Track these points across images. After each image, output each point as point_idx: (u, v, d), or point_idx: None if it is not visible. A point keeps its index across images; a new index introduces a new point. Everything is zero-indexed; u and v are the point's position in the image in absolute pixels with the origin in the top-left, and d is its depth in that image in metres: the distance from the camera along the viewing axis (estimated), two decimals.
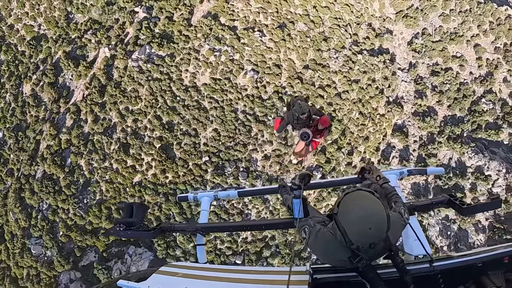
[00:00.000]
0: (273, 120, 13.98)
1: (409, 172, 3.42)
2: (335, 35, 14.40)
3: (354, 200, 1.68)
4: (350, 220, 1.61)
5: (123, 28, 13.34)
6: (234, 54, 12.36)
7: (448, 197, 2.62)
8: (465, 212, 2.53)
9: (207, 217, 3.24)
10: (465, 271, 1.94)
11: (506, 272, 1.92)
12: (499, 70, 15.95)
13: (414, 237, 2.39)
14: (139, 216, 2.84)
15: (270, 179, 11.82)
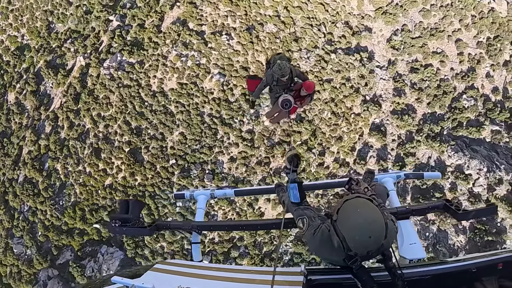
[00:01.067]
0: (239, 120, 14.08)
1: (406, 175, 3.46)
2: (307, 35, 14.18)
3: (354, 207, 1.68)
4: (351, 228, 1.62)
5: (98, 37, 13.52)
6: (201, 59, 12.44)
7: (444, 201, 2.64)
8: (460, 217, 2.55)
9: (203, 216, 3.29)
10: (459, 276, 1.95)
11: (500, 278, 1.93)
12: (481, 65, 15.14)
13: (409, 241, 2.49)
14: (135, 212, 2.80)
15: (236, 180, 11.90)
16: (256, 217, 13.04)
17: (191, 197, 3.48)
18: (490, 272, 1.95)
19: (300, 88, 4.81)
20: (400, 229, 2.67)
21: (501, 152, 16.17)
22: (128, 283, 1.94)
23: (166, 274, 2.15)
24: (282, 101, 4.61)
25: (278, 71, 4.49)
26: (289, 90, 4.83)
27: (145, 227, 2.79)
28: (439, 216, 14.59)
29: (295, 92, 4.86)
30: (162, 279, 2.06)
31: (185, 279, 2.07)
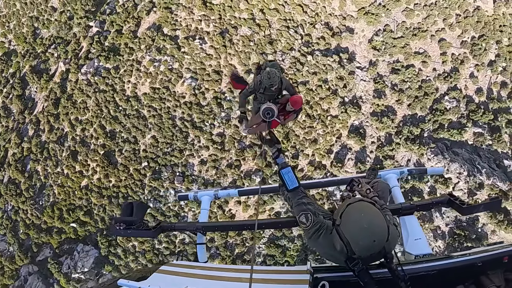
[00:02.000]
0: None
1: (409, 171, 3.39)
2: (283, 37, 14.06)
3: (358, 211, 1.68)
4: (355, 233, 1.62)
5: (79, 43, 13.79)
6: (174, 63, 12.55)
7: (448, 196, 2.61)
8: (465, 212, 2.54)
9: (207, 216, 3.22)
10: (465, 270, 1.94)
11: (506, 271, 1.92)
12: (465, 66, 14.61)
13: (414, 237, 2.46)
14: (139, 215, 2.75)
15: (206, 183, 11.99)
16: (226, 219, 13.35)
17: (195, 198, 3.46)
18: (495, 266, 1.94)
19: (287, 102, 4.41)
20: (405, 225, 2.63)
21: (483, 155, 15.73)
22: (134, 286, 1.93)
23: (172, 276, 2.14)
24: (264, 110, 4.17)
25: (267, 79, 4.16)
26: (274, 101, 4.46)
27: (149, 229, 2.77)
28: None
29: (280, 105, 4.46)
30: (168, 281, 2.05)
31: (191, 280, 2.07)
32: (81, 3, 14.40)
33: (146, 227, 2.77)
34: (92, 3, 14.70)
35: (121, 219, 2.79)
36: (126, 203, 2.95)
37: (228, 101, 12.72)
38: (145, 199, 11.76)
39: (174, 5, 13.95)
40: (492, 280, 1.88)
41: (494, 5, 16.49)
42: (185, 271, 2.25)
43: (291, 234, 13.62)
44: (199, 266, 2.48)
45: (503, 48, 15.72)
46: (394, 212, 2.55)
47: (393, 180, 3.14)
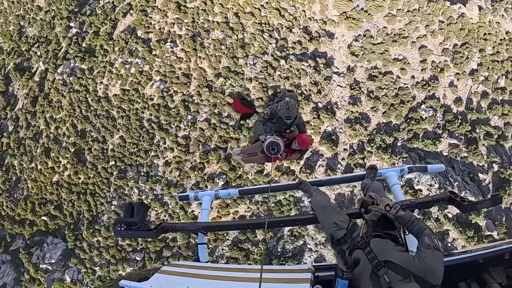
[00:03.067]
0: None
1: (409, 169, 3.34)
2: (257, 41, 13.99)
3: None
4: None
5: (59, 43, 14.05)
6: (144, 66, 12.79)
7: (449, 193, 2.62)
8: (466, 209, 2.49)
9: (207, 216, 3.21)
10: (466, 267, 1.96)
11: (507, 268, 1.93)
12: (445, 74, 14.17)
13: None
14: (140, 215, 2.75)
15: (170, 184, 12.21)
16: (188, 220, 13.78)
17: (195, 197, 3.45)
18: (497, 262, 1.95)
19: (293, 139, 4.07)
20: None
21: (458, 168, 15.32)
22: (136, 287, 1.93)
23: (174, 276, 2.14)
24: (269, 144, 3.71)
25: (285, 110, 3.81)
26: (281, 135, 4.09)
27: (150, 229, 2.76)
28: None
29: (286, 140, 4.09)
30: (170, 281, 2.05)
31: (192, 280, 2.08)
32: (65, 3, 14.69)
33: (147, 228, 2.77)
34: (75, 3, 15.29)
35: (122, 220, 2.77)
36: (127, 204, 2.95)
37: (196, 105, 12.78)
38: (110, 196, 12.08)
39: (150, 7, 14.30)
40: (493, 277, 1.90)
41: (480, 12, 16.00)
42: (186, 271, 2.27)
43: (255, 238, 13.93)
44: (200, 266, 2.49)
45: (486, 57, 15.27)
46: None
47: (394, 177, 3.12)
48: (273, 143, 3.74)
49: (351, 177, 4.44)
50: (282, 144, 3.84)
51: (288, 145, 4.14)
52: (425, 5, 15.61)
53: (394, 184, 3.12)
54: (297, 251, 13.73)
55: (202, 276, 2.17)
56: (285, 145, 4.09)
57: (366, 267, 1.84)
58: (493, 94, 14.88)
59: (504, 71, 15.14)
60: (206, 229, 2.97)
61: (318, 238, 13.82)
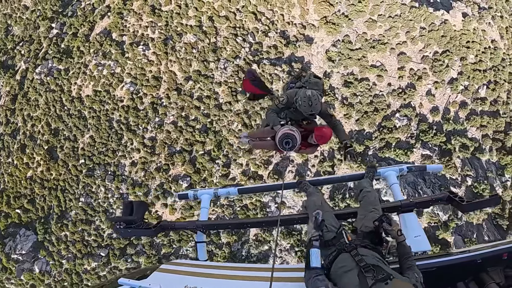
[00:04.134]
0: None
1: (408, 168, 3.35)
2: (229, 45, 14.22)
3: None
4: None
5: (41, 43, 14.61)
6: (116, 68, 13.23)
7: (448, 193, 2.65)
8: (465, 208, 2.53)
9: (207, 215, 3.22)
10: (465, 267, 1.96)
11: (505, 268, 1.95)
12: (423, 82, 13.97)
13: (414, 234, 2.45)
14: (139, 214, 2.77)
15: (135, 183, 12.66)
16: (153, 220, 14.36)
17: (194, 196, 3.45)
18: (495, 262, 1.96)
19: (311, 132, 3.50)
20: (404, 222, 2.64)
21: (429, 180, 15.09)
22: (134, 285, 1.95)
23: (173, 275, 2.16)
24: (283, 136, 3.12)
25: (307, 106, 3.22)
26: (297, 125, 3.52)
27: (150, 228, 2.76)
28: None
29: (303, 131, 3.52)
30: (169, 280, 2.07)
31: (191, 279, 2.07)
32: (50, 3, 15.10)
33: (146, 226, 2.78)
34: (59, 3, 16.18)
35: (122, 219, 2.80)
36: (126, 202, 2.93)
37: (164, 107, 13.10)
38: (79, 193, 12.58)
39: (127, 10, 14.96)
40: (491, 277, 1.92)
41: (464, 19, 15.74)
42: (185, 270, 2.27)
43: (219, 241, 14.45)
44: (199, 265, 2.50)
45: (467, 65, 14.99)
46: (393, 209, 2.61)
47: (393, 177, 3.13)
48: (288, 135, 3.11)
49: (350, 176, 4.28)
50: (298, 136, 3.20)
51: (304, 137, 3.49)
52: (407, 11, 15.48)
53: (393, 184, 3.11)
54: (262, 256, 14.09)
55: (200, 275, 2.17)
56: (302, 137, 3.45)
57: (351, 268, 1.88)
58: (472, 105, 14.66)
59: (485, 80, 14.89)
60: (205, 228, 2.98)
61: (284, 244, 14.18)
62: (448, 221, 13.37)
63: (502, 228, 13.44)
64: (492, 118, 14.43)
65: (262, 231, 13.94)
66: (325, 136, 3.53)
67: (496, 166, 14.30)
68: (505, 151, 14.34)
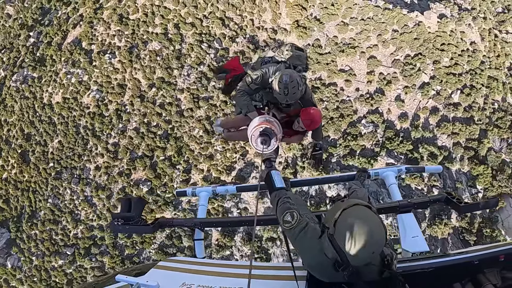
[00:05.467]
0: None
1: (407, 169, 3.42)
2: (194, 51, 14.73)
3: (355, 219, 1.54)
4: (352, 244, 1.51)
5: (19, 51, 15.70)
6: (84, 76, 14.09)
7: (446, 194, 2.70)
8: (463, 210, 2.57)
9: (205, 212, 3.31)
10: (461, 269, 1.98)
11: (502, 270, 1.98)
12: (392, 87, 14.02)
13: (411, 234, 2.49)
14: (137, 210, 2.84)
15: (98, 187, 13.51)
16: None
17: (193, 194, 3.54)
18: (492, 264, 1.99)
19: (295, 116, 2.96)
20: (402, 222, 2.67)
21: None
22: (132, 282, 1.98)
23: (170, 272, 2.19)
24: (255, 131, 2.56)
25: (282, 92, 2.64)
26: (277, 108, 3.00)
27: (148, 224, 2.84)
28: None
29: (285, 116, 3.01)
30: (166, 277, 2.10)
31: (189, 276, 2.11)
32: (31, 12, 16.62)
33: (144, 223, 2.85)
34: (40, 12, 17.63)
35: (120, 215, 2.86)
36: (124, 199, 2.98)
37: (127, 114, 13.82)
38: (47, 195, 13.51)
39: (97, 19, 16.01)
40: (488, 279, 1.94)
41: (441, 21, 15.53)
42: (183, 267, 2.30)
43: (180, 244, 15.28)
44: (197, 262, 2.52)
45: (440, 69, 14.69)
46: (391, 210, 2.72)
47: (391, 177, 3.21)
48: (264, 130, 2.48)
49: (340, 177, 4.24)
50: (278, 128, 2.55)
51: (287, 124, 2.97)
52: (379, 13, 15.59)
53: (391, 184, 3.18)
54: (225, 260, 14.88)
55: (198, 272, 2.22)
56: (285, 124, 2.93)
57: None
58: (444, 111, 14.46)
59: (460, 85, 14.64)
60: (203, 225, 3.05)
61: (245, 250, 14.83)
62: None
63: (469, 243, 13.27)
64: (465, 125, 14.25)
65: (223, 237, 14.63)
66: (315, 120, 2.96)
67: (467, 176, 14.12)
68: (478, 160, 14.13)
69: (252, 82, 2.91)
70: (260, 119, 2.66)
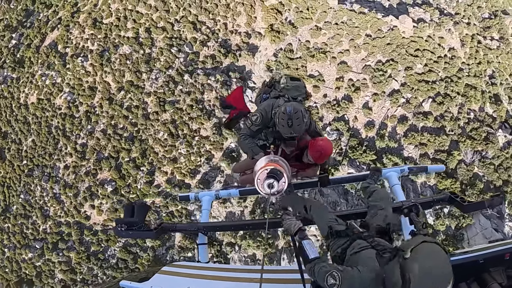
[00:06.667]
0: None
1: (409, 169, 3.50)
2: (163, 55, 15.27)
3: (433, 253, 1.70)
4: (422, 276, 1.65)
5: (2, 52, 16.67)
6: (57, 78, 14.87)
7: (449, 194, 2.80)
8: (466, 209, 2.67)
9: (208, 216, 3.43)
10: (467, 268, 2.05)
11: (508, 268, 2.05)
12: (360, 94, 14.08)
13: None
14: (140, 215, 2.95)
15: (66, 185, 14.35)
16: (81, 219, 16.45)
17: (196, 198, 3.61)
18: (497, 263, 2.04)
19: (304, 148, 2.91)
20: (406, 223, 2.75)
21: (351, 201, 14.29)
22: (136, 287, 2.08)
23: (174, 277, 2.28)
24: (261, 175, 2.34)
25: (285, 124, 2.60)
26: (284, 143, 2.94)
27: (151, 230, 2.90)
28: None
29: (293, 150, 2.97)
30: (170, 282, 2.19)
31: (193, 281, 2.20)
32: (16, 13, 17.46)
33: (148, 228, 2.91)
34: (24, 14, 19.03)
35: (123, 220, 2.94)
36: (128, 205, 3.08)
37: (96, 115, 14.58)
38: (19, 190, 14.37)
39: (73, 23, 17.07)
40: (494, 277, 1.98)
41: (418, 26, 15.36)
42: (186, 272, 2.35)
43: (144, 244, 16.14)
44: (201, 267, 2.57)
45: (412, 76, 14.46)
46: (395, 210, 2.68)
47: (394, 178, 3.28)
48: (271, 172, 2.27)
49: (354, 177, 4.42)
50: (286, 168, 2.39)
51: (298, 157, 2.95)
52: (353, 18, 15.68)
53: (395, 185, 3.25)
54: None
55: (202, 277, 2.25)
56: (295, 158, 2.91)
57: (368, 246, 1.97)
58: (413, 120, 14.32)
59: (433, 93, 14.45)
60: (207, 229, 3.11)
61: None
62: None
63: None
64: (434, 136, 14.18)
65: (184, 239, 15.37)
66: (325, 153, 2.85)
67: (433, 189, 14.05)
68: (445, 173, 14.04)
69: (252, 124, 2.85)
70: (265, 160, 2.48)
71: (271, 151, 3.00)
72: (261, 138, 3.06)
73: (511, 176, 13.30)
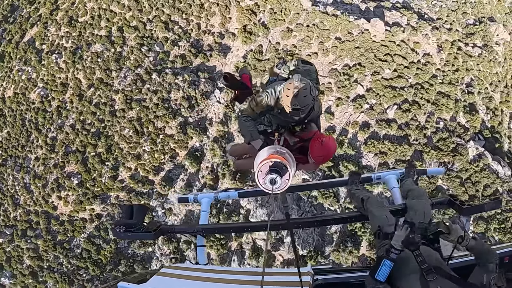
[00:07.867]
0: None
1: None
2: (133, 54, 15.81)
3: None
4: None
5: None
6: (33, 74, 15.66)
7: (448, 197, 2.88)
8: (465, 212, 2.78)
9: (207, 218, 3.49)
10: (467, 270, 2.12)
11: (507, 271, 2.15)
12: (324, 98, 14.15)
13: None
14: (139, 217, 3.03)
15: (36, 176, 15.18)
16: (49, 209, 17.63)
17: (195, 200, 3.66)
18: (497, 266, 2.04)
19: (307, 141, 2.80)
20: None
21: (303, 208, 14.00)
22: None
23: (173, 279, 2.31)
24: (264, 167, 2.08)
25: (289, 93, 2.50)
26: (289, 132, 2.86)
27: (149, 231, 2.99)
28: None
29: (297, 142, 2.88)
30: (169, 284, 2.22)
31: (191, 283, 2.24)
32: (2, 8, 17.60)
33: (146, 230, 2.99)
34: (9, 9, 20.35)
35: (122, 222, 3.03)
36: (126, 206, 3.10)
37: (67, 111, 15.28)
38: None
39: (51, 20, 18.21)
40: None
41: (390, 30, 15.20)
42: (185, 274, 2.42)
43: (107, 236, 17.14)
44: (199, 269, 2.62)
45: (378, 81, 14.51)
46: (396, 213, 2.74)
47: (393, 181, 3.34)
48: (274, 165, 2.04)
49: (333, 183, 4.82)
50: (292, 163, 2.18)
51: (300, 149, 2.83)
52: (325, 20, 15.80)
53: (394, 187, 3.29)
54: (146, 257, 16.31)
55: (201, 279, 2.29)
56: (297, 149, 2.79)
57: (412, 272, 1.99)
58: (376, 127, 14.36)
59: (400, 99, 14.33)
60: (205, 231, 3.17)
61: (165, 249, 16.34)
62: (306, 257, 13.68)
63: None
64: (395, 145, 14.20)
65: None
66: (327, 153, 2.66)
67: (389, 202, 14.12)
68: None
69: (257, 105, 2.66)
70: (269, 151, 2.21)
71: (275, 139, 2.76)
72: (263, 123, 2.84)
73: (479, 190, 13.07)
